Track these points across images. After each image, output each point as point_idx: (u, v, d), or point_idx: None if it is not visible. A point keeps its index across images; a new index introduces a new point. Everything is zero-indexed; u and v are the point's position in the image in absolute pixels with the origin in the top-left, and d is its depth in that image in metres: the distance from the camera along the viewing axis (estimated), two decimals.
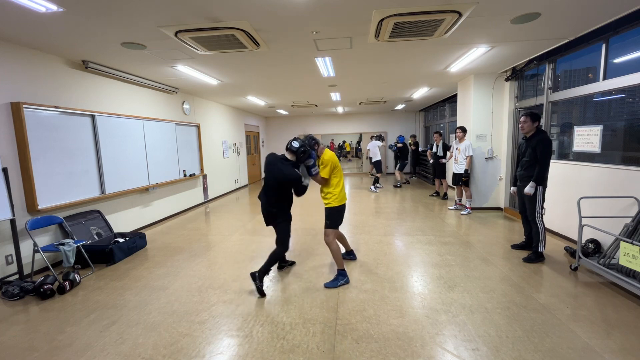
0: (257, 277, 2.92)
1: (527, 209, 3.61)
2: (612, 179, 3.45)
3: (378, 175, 8.83)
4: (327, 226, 3.13)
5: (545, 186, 3.48)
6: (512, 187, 3.93)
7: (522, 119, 3.56)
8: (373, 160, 8.93)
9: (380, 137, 9.93)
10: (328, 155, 3.08)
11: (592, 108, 4.09)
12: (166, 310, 2.71)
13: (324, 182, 3.08)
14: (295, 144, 2.87)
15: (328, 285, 3.04)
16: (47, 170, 3.68)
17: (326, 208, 3.12)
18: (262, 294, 2.91)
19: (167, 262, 3.82)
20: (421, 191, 8.41)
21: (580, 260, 3.22)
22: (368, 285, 3.07)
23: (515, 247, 3.96)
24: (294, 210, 3.27)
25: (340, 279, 3.08)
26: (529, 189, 3.47)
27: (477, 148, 5.87)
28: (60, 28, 3.06)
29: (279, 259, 3.28)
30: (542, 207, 3.50)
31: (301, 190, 3.01)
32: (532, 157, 3.49)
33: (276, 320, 2.52)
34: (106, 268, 3.72)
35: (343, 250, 3.67)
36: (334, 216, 3.10)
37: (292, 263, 3.66)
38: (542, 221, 3.51)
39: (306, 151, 2.89)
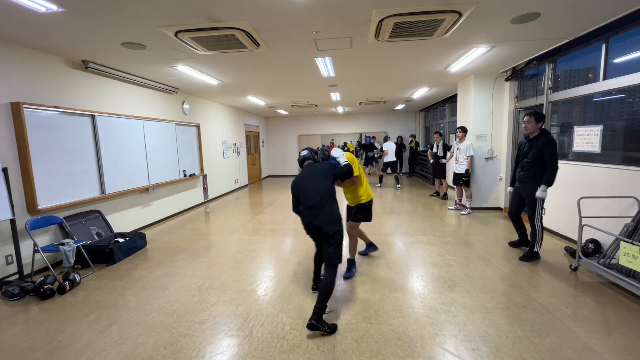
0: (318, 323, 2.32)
1: (528, 211, 3.57)
2: (612, 179, 3.45)
3: (396, 174, 9.19)
4: (357, 220, 3.28)
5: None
6: (509, 187, 3.90)
7: (525, 118, 3.48)
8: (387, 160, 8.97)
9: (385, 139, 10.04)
10: (348, 154, 3.05)
11: (592, 108, 4.09)
12: (166, 310, 2.71)
13: (357, 180, 3.11)
14: (305, 152, 2.82)
15: (347, 276, 3.26)
16: (47, 170, 3.68)
17: (359, 205, 3.21)
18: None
19: (167, 262, 3.82)
20: (421, 191, 8.41)
21: (580, 260, 3.22)
22: (368, 285, 3.07)
23: (512, 244, 4.00)
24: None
25: (353, 268, 3.35)
26: (541, 193, 3.37)
27: (477, 148, 5.86)
28: (60, 28, 3.06)
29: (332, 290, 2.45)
30: (542, 208, 3.47)
31: (348, 172, 2.79)
32: (536, 159, 3.41)
33: (276, 320, 2.51)
34: (106, 268, 3.72)
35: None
36: (368, 211, 3.26)
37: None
38: (542, 223, 3.49)
39: (323, 149, 2.91)
